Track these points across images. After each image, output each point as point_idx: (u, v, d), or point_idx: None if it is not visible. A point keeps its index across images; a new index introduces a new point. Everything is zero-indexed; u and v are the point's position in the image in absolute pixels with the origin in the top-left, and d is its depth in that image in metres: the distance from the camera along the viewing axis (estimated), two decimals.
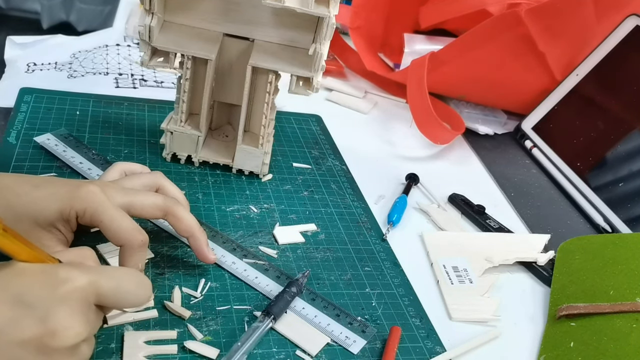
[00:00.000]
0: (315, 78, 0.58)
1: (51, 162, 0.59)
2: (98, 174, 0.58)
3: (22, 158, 0.59)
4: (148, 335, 0.44)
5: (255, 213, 0.59)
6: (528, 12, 0.76)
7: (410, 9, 0.96)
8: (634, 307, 0.51)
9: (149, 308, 0.46)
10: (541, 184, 0.78)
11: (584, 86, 0.81)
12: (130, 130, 0.67)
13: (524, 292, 0.58)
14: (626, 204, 0.69)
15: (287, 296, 0.48)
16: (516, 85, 0.85)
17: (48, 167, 0.58)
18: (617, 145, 0.74)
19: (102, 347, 0.43)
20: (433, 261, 0.59)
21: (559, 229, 0.68)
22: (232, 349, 0.43)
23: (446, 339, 0.50)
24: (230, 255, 0.53)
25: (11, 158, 0.58)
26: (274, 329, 0.47)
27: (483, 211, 0.67)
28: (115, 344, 0.43)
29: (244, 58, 0.60)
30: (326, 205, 0.63)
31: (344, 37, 0.97)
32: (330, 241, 0.58)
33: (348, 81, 0.93)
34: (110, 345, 0.43)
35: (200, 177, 0.63)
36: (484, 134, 0.86)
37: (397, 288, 0.54)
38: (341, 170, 0.69)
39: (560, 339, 0.52)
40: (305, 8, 0.54)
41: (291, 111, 0.79)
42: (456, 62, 0.81)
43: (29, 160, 0.58)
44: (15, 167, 0.57)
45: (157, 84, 0.79)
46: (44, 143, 0.61)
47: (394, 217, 0.63)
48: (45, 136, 0.62)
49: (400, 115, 0.86)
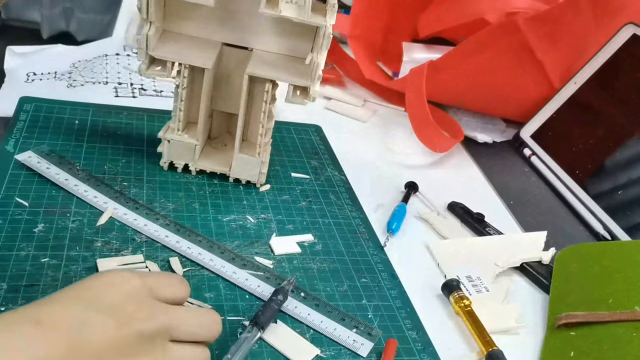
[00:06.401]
0: (313, 87, 0.58)
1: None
2: (86, 190, 0.57)
3: (19, 166, 0.59)
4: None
5: (252, 223, 0.59)
6: (526, 21, 0.76)
7: (408, 17, 0.97)
8: (633, 315, 0.51)
9: None
10: (540, 192, 0.78)
11: (583, 94, 0.81)
12: (129, 140, 0.67)
13: (523, 300, 0.58)
14: (625, 212, 0.69)
15: (274, 304, 0.48)
16: (514, 93, 0.85)
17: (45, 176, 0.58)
18: (616, 152, 0.74)
19: None
20: (446, 273, 0.58)
21: (558, 236, 0.68)
22: None
23: (443, 352, 0.50)
24: (230, 265, 0.53)
25: (8, 166, 0.59)
26: (264, 340, 0.47)
27: (482, 219, 0.67)
28: None
29: (242, 67, 0.60)
30: (324, 215, 0.63)
31: (343, 46, 0.97)
32: (327, 252, 0.58)
33: (347, 90, 0.93)
34: None
35: (197, 186, 0.63)
36: (482, 142, 0.86)
37: (394, 300, 0.54)
38: (340, 181, 0.69)
39: (560, 348, 0.51)
40: (302, 17, 0.54)
41: (291, 121, 0.79)
42: (455, 70, 0.81)
43: (25, 169, 0.59)
44: (12, 174, 0.57)
45: (156, 93, 0.79)
46: (25, 161, 0.59)
47: (394, 226, 0.63)
48: (26, 154, 0.60)
49: (399, 124, 0.86)
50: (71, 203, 0.56)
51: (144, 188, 0.60)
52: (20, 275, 0.47)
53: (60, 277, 0.48)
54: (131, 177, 0.61)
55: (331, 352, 0.47)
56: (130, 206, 0.57)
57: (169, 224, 0.56)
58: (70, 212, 0.55)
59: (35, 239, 0.51)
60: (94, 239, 0.53)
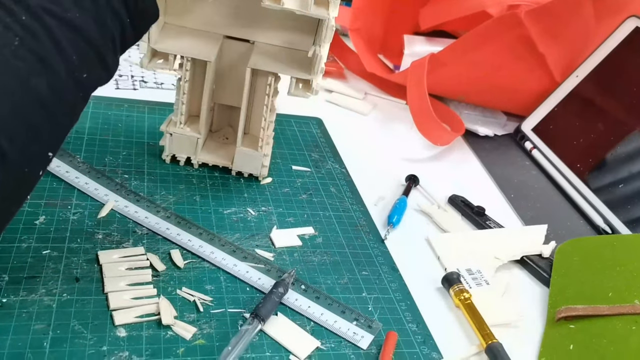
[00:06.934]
0: (315, 80, 0.58)
1: None
2: (87, 182, 0.57)
3: None
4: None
5: (253, 216, 0.59)
6: (528, 14, 0.76)
7: (410, 10, 0.96)
8: (633, 309, 0.51)
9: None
10: (541, 186, 0.78)
11: (584, 87, 0.81)
12: (130, 132, 0.67)
13: (523, 293, 0.58)
14: (626, 205, 0.69)
15: (274, 297, 0.48)
16: (516, 87, 0.85)
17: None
18: (617, 146, 0.74)
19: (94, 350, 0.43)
20: (447, 266, 0.59)
21: (559, 230, 0.68)
22: (222, 354, 0.43)
23: (443, 345, 0.50)
24: (231, 258, 0.53)
25: None
26: (265, 332, 0.47)
27: (483, 212, 0.67)
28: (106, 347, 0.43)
29: (244, 60, 0.60)
30: (325, 208, 0.63)
31: (344, 39, 0.97)
32: (327, 245, 0.58)
33: (348, 83, 0.93)
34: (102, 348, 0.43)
35: (199, 179, 0.63)
36: (483, 135, 0.86)
37: (394, 293, 0.54)
38: (341, 174, 0.69)
39: (559, 341, 0.52)
40: (305, 10, 0.53)
41: (292, 114, 0.79)
42: (456, 63, 0.81)
43: None
44: None
45: (157, 85, 0.79)
46: None
47: (394, 219, 0.63)
48: None
49: (400, 117, 0.86)
50: (72, 195, 0.56)
51: (144, 180, 0.60)
52: (22, 267, 0.47)
53: (62, 268, 0.48)
54: (132, 169, 0.61)
55: (331, 344, 0.47)
56: (131, 198, 0.57)
57: (169, 217, 0.56)
58: (71, 204, 0.55)
59: (36, 231, 0.51)
60: (95, 231, 0.53)
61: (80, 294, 0.46)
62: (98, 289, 0.47)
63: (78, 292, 0.46)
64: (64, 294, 0.46)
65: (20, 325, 0.43)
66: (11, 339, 0.42)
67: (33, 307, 0.44)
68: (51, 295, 0.46)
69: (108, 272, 0.48)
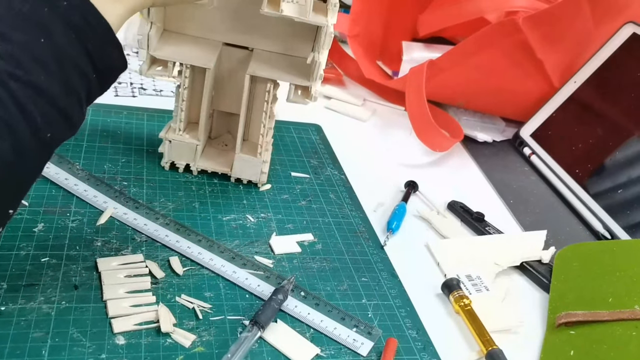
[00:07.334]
0: (314, 87, 0.58)
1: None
2: (85, 189, 0.57)
3: None
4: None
5: (252, 222, 0.59)
6: (526, 20, 0.76)
7: (408, 17, 0.97)
8: (633, 314, 0.51)
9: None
10: (540, 191, 0.78)
11: (582, 93, 0.81)
12: (129, 139, 0.67)
13: (523, 298, 0.58)
14: (625, 211, 0.69)
15: (274, 304, 0.48)
16: (514, 93, 0.85)
17: (44, 175, 0.58)
18: (616, 151, 0.74)
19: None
20: (446, 272, 0.58)
21: (558, 235, 0.68)
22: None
23: (443, 351, 0.50)
24: (230, 265, 0.53)
25: None
26: (264, 340, 0.47)
27: (482, 218, 0.67)
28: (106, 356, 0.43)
29: (243, 67, 0.60)
30: (324, 214, 0.63)
31: (343, 45, 0.97)
32: (327, 251, 0.58)
33: (347, 89, 0.93)
34: (101, 356, 0.43)
35: (198, 186, 0.63)
36: (482, 141, 0.86)
37: (394, 299, 0.54)
38: (340, 180, 0.69)
39: (560, 347, 0.51)
40: (304, 17, 0.54)
41: (291, 120, 0.79)
42: (454, 69, 0.81)
43: None
44: None
45: (156, 92, 0.79)
46: None
47: (394, 225, 0.63)
48: None
49: (399, 123, 0.86)
50: (71, 202, 0.56)
51: (143, 187, 0.60)
52: (20, 275, 0.47)
53: (60, 276, 0.48)
54: (131, 176, 0.61)
55: (331, 351, 0.47)
56: (130, 205, 0.57)
57: (168, 224, 0.56)
58: (70, 211, 0.55)
59: (35, 239, 0.51)
60: (94, 238, 0.53)
61: (79, 301, 0.46)
62: (97, 296, 0.47)
63: (77, 299, 0.46)
64: (62, 302, 0.46)
65: (19, 333, 0.43)
66: (10, 347, 0.42)
67: (32, 315, 0.44)
68: (50, 303, 0.45)
69: (107, 279, 0.48)
